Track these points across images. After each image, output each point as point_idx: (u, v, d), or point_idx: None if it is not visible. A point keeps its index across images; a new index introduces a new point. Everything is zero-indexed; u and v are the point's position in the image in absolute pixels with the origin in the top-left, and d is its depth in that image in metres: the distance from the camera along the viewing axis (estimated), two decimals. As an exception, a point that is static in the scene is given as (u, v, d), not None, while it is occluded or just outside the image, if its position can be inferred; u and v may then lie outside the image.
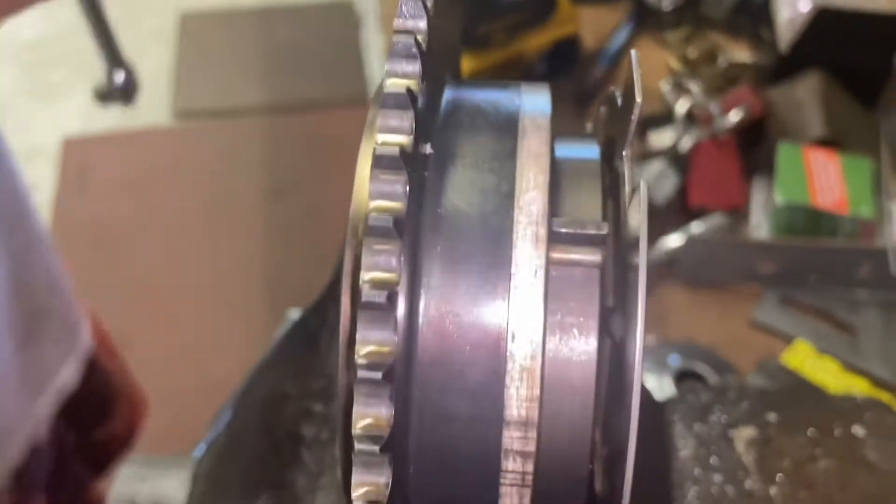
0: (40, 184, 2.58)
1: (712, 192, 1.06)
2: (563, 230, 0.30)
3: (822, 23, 1.08)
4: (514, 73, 1.20)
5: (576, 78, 1.25)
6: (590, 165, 0.34)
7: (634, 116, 0.30)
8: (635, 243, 0.29)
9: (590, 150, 0.35)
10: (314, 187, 2.67)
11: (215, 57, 2.95)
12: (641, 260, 0.26)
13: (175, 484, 0.66)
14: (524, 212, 0.30)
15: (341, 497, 0.48)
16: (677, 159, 1.07)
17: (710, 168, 1.07)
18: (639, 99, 0.29)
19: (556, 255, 0.30)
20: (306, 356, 0.53)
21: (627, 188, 0.31)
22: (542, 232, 0.29)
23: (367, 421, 0.25)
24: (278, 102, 2.90)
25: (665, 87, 1.22)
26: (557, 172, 0.32)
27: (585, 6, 1.29)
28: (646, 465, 0.31)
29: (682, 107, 1.12)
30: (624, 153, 0.31)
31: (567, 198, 0.32)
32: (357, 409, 0.25)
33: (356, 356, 0.25)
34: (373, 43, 2.03)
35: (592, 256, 0.30)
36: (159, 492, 0.66)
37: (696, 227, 1.03)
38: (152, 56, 2.86)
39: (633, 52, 0.31)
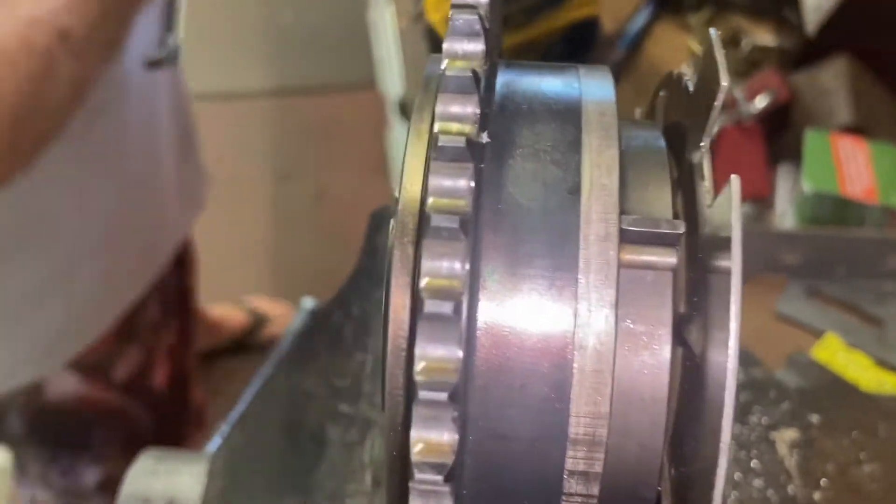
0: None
1: (736, 180, 1.03)
2: (634, 229, 0.27)
3: (851, 6, 1.05)
4: (532, 55, 1.17)
5: (594, 61, 1.21)
6: (655, 155, 0.31)
7: (719, 102, 0.27)
8: (718, 244, 0.26)
9: (654, 138, 0.32)
10: (321, 171, 2.65)
11: (221, 39, 2.91)
12: (735, 264, 0.23)
13: (189, 480, 0.63)
14: (592, 208, 0.27)
15: (371, 505, 0.46)
16: (701, 146, 1.04)
17: (734, 155, 1.04)
18: (724, 83, 0.26)
19: (626, 257, 0.27)
20: (329, 352, 0.50)
21: (707, 182, 0.28)
22: (613, 231, 0.26)
23: (430, 447, 0.22)
24: (284, 85, 2.87)
25: (687, 71, 1.18)
26: (621, 162, 0.29)
27: (604, -13, 1.25)
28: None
29: (705, 92, 1.09)
30: (702, 144, 0.28)
31: (633, 191, 0.30)
32: (417, 433, 0.22)
33: (415, 373, 0.22)
34: (380, 24, 1.99)
35: (666, 258, 0.27)
36: (173, 488, 0.63)
37: (720, 216, 1.01)
38: (156, 37, 2.82)
39: (712, 30, 0.28)
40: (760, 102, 1.04)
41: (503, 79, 0.31)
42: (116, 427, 1.22)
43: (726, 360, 0.25)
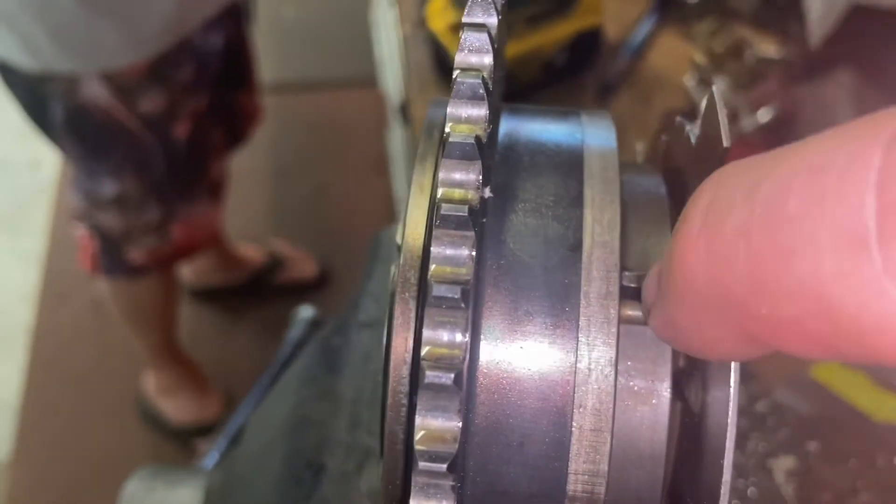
0: (44, 161, 2.55)
1: (738, 194, 1.03)
2: (635, 286, 0.27)
3: (856, 20, 1.05)
4: (535, 64, 1.17)
5: (597, 70, 1.21)
6: (656, 205, 0.31)
7: (722, 163, 0.27)
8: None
9: (655, 186, 0.32)
10: (321, 167, 2.64)
11: (222, 34, 2.91)
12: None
13: (186, 496, 0.63)
14: (593, 266, 0.27)
15: (368, 536, 0.46)
16: (703, 159, 1.04)
17: (736, 168, 1.04)
18: (726, 144, 0.26)
19: (627, 313, 0.27)
20: (328, 378, 0.50)
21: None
22: (614, 289, 0.26)
23: (428, 515, 0.23)
24: (286, 81, 2.86)
25: (689, 82, 1.18)
26: (623, 214, 0.29)
27: (608, -4, 1.25)
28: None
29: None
30: (704, 201, 0.28)
31: (633, 244, 0.30)
32: (416, 502, 0.22)
33: (416, 443, 0.22)
34: (382, 26, 1.98)
35: (667, 315, 0.27)
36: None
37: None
38: (158, 32, 2.81)
39: (714, 88, 0.28)
40: (763, 116, 1.04)
41: (506, 127, 0.31)
42: (133, 152, 1.43)
43: (726, 420, 0.26)
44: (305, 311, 0.99)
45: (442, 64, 1.21)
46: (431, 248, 0.23)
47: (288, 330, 0.97)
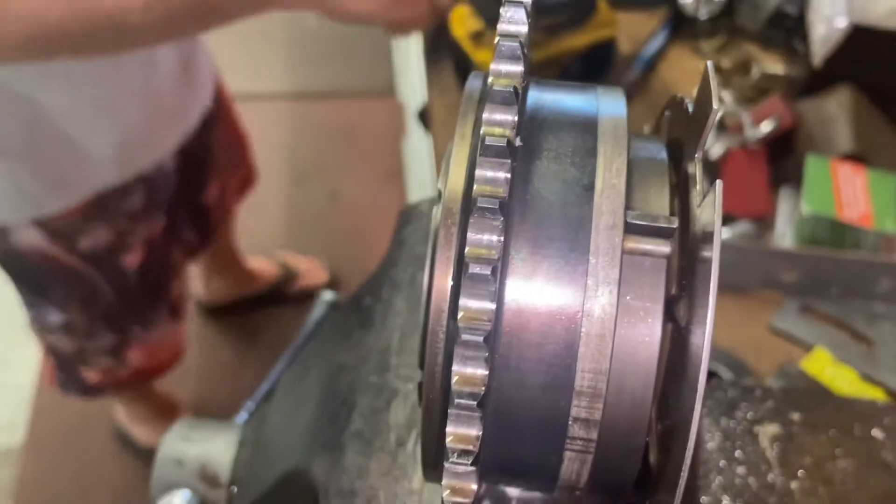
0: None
1: (740, 200, 1.09)
2: (637, 222, 0.33)
3: (856, 40, 1.11)
4: (551, 73, 1.23)
5: (610, 80, 1.27)
6: (658, 164, 0.37)
7: (711, 123, 0.33)
8: (704, 238, 0.32)
9: (658, 150, 0.38)
10: (337, 173, 2.71)
11: (243, 42, 2.99)
12: (715, 253, 0.29)
13: (221, 446, 0.69)
14: (603, 203, 0.33)
15: (394, 461, 0.52)
16: (707, 166, 1.10)
17: (738, 176, 1.10)
18: (716, 106, 0.32)
19: (629, 245, 0.33)
20: (359, 332, 0.56)
21: (698, 187, 0.34)
22: (619, 222, 0.32)
23: (465, 379, 0.28)
24: (305, 89, 2.93)
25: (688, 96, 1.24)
26: (629, 168, 0.35)
27: (623, 11, 1.31)
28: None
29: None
30: (696, 156, 0.34)
31: (637, 193, 0.35)
32: (457, 368, 0.28)
33: (459, 320, 0.28)
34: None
35: (662, 248, 0.33)
36: (206, 453, 0.69)
37: (722, 232, 1.06)
38: (184, 36, 2.88)
39: (708, 63, 0.34)
40: (766, 127, 1.10)
41: (534, 94, 0.37)
42: (76, 288, 1.31)
43: (705, 328, 0.31)
44: (327, 295, 1.05)
45: (463, 71, 1.27)
46: (476, 172, 0.29)
47: (310, 312, 1.03)
